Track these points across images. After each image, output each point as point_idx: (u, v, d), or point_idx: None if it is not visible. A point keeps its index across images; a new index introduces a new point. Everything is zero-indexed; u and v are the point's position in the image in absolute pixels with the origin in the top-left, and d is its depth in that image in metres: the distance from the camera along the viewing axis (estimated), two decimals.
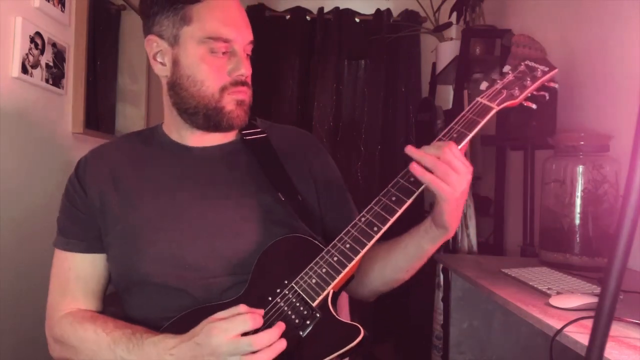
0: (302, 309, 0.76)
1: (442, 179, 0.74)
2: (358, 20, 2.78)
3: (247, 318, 0.69)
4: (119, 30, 2.16)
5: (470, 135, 0.78)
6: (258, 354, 0.68)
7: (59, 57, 1.59)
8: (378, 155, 2.69)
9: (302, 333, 0.75)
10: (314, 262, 0.78)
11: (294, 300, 0.77)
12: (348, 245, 0.77)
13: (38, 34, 1.46)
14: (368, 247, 0.76)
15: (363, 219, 0.78)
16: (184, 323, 0.77)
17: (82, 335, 0.82)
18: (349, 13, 2.75)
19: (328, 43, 2.73)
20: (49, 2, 1.52)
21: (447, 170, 0.74)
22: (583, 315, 0.78)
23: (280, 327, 0.71)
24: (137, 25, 1.98)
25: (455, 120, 0.81)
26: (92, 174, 0.92)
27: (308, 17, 2.79)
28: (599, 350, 0.44)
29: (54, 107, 1.61)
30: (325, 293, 0.76)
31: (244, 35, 0.87)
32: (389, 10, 2.74)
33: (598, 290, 0.94)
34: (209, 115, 0.88)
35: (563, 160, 1.30)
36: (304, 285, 0.77)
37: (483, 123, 0.80)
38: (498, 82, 0.86)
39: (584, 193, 1.24)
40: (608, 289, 0.44)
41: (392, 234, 0.84)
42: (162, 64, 0.90)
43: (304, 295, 0.76)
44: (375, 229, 0.77)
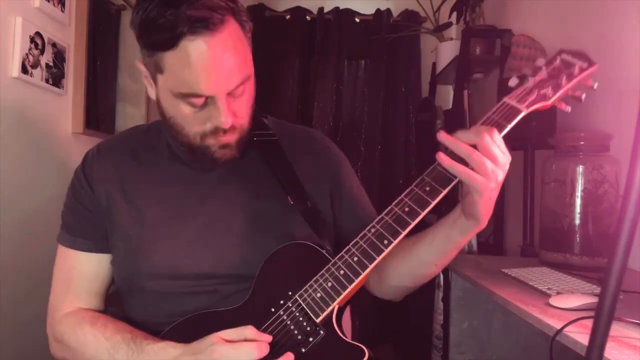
0: (305, 325, 0.74)
1: (476, 170, 0.68)
2: (358, 20, 2.78)
3: (253, 348, 0.68)
4: (119, 30, 2.16)
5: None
6: None
7: (59, 57, 1.59)
8: (378, 155, 2.68)
9: (304, 350, 0.73)
10: (320, 274, 0.75)
11: (297, 315, 0.75)
12: (356, 259, 0.73)
13: (38, 34, 1.46)
14: (377, 261, 0.73)
15: (373, 230, 0.74)
16: (185, 328, 0.77)
17: (81, 339, 0.81)
18: (349, 13, 2.75)
19: (328, 43, 2.73)
20: (49, 2, 1.52)
21: (482, 160, 0.68)
22: (583, 315, 0.77)
23: (289, 358, 0.70)
24: None
25: (481, 122, 0.74)
26: (99, 171, 0.89)
27: (308, 17, 2.79)
28: (599, 350, 0.44)
29: (54, 107, 1.61)
30: (330, 309, 0.73)
31: (227, 86, 0.75)
32: (389, 10, 2.74)
33: (598, 290, 0.94)
34: (194, 152, 0.83)
35: (563, 160, 1.30)
36: (308, 299, 0.75)
37: (509, 128, 0.73)
38: (529, 79, 0.76)
39: (584, 193, 1.24)
40: (608, 289, 0.44)
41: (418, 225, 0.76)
42: (152, 87, 0.84)
43: (308, 310, 0.74)
44: (386, 243, 0.72)
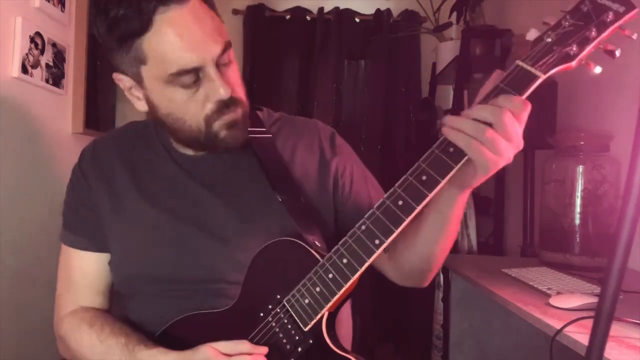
0: (293, 333, 0.71)
1: (488, 147, 0.60)
2: (358, 20, 2.77)
3: None
4: None
5: None
6: None
7: (59, 57, 1.59)
8: (378, 155, 2.69)
9: None
10: (307, 277, 0.70)
11: (286, 322, 0.72)
12: (345, 261, 0.67)
13: (38, 34, 1.46)
14: (368, 263, 0.66)
15: (363, 227, 0.67)
16: (177, 330, 0.78)
17: (78, 340, 0.83)
18: (349, 13, 2.75)
19: (328, 43, 2.73)
20: (49, 2, 1.52)
21: (496, 138, 0.60)
22: (583, 315, 0.78)
23: None
24: None
25: (486, 94, 0.63)
26: (95, 169, 0.88)
27: (308, 17, 2.79)
28: (599, 350, 0.44)
29: (54, 107, 1.61)
30: (319, 317, 0.69)
31: (212, 50, 0.73)
32: (389, 10, 2.74)
33: (598, 290, 0.94)
34: (203, 143, 0.81)
35: (563, 160, 1.30)
36: (296, 305, 0.71)
37: (523, 98, 0.61)
38: (550, 33, 0.63)
39: (584, 193, 1.24)
40: (608, 289, 0.44)
41: None
42: (138, 99, 0.82)
43: (296, 317, 0.71)
44: (377, 242, 0.65)
